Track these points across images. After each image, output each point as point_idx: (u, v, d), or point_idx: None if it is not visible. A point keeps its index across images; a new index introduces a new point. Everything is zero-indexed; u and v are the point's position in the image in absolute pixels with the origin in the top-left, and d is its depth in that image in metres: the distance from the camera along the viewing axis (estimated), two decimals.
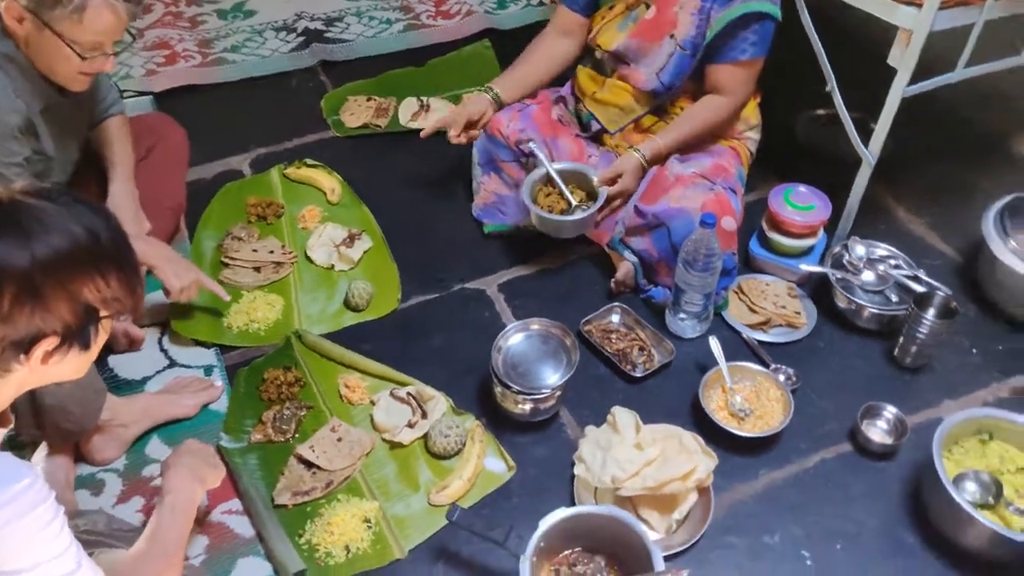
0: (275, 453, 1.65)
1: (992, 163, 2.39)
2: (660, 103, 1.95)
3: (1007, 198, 1.94)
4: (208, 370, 1.82)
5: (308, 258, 2.07)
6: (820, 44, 1.78)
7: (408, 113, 2.52)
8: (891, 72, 1.73)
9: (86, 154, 1.84)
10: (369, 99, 2.56)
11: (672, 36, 1.84)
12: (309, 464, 1.62)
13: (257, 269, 2.03)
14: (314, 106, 2.59)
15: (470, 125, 2.04)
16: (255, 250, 2.06)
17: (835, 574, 1.45)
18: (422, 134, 2.07)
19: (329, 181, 2.26)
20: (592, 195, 1.91)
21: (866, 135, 1.85)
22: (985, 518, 1.38)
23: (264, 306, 1.94)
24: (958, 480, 1.47)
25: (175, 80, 2.64)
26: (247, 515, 1.55)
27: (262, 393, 1.75)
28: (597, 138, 2.06)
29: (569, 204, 1.90)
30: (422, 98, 2.56)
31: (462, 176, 2.21)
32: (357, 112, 2.52)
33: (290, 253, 2.07)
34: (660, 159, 1.91)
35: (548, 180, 1.94)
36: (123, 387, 1.76)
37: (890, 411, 1.65)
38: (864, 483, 1.58)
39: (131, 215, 1.79)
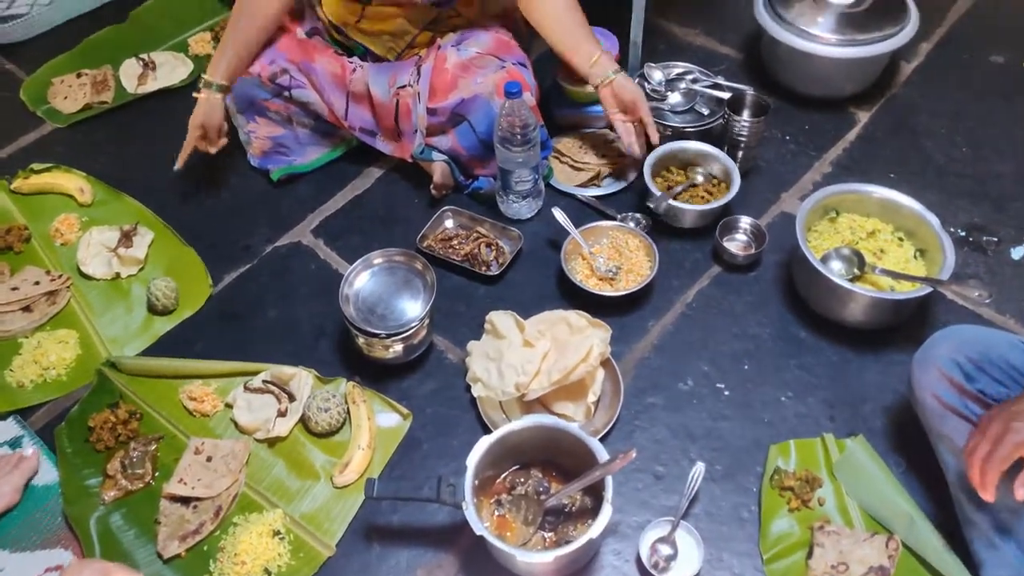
0: (140, 504, 1.42)
1: None
2: (438, 15, 1.77)
3: None
4: (14, 444, 1.52)
5: (84, 275, 1.75)
6: None
7: (133, 78, 2.16)
8: None
9: None
10: (79, 75, 2.17)
11: None
12: (186, 499, 1.40)
13: (27, 309, 1.70)
14: (13, 101, 2.17)
15: (217, 133, 1.80)
16: (14, 288, 1.71)
17: (751, 393, 1.47)
18: (177, 167, 1.80)
19: (73, 181, 1.91)
20: (723, 177, 1.72)
21: None
22: (860, 287, 1.44)
23: (55, 347, 1.63)
24: (823, 262, 1.51)
25: None
26: None
27: (95, 444, 1.49)
28: None
29: (694, 185, 1.72)
30: (142, 56, 2.20)
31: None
32: (71, 94, 2.13)
33: (60, 277, 1.74)
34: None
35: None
36: None
37: (744, 221, 1.67)
38: (744, 298, 1.60)
39: None
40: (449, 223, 1.76)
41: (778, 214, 1.74)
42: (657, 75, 1.88)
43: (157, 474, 1.45)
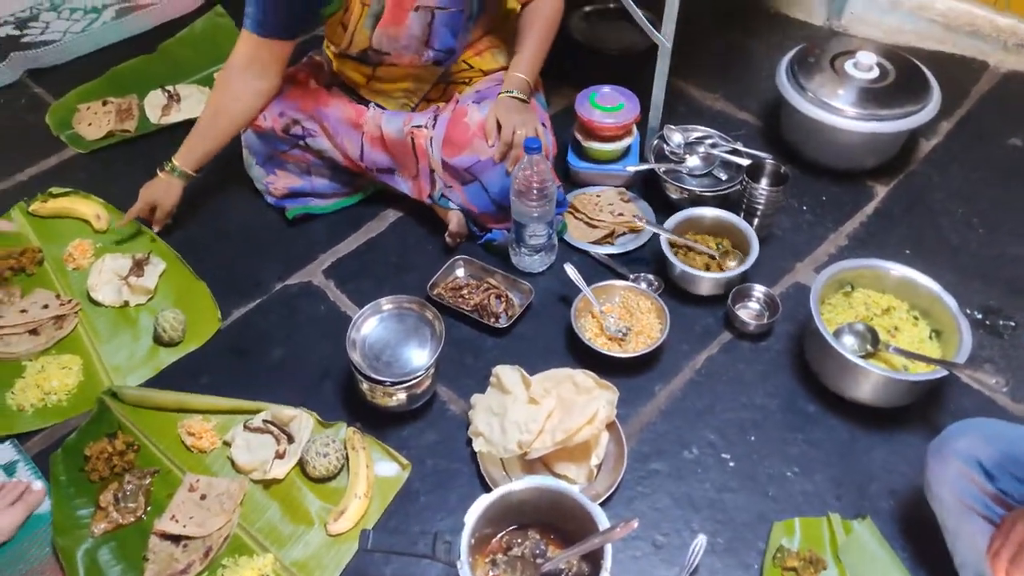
0: (130, 538, 1.39)
1: (756, 27, 2.45)
2: (446, 70, 1.80)
3: (790, 53, 1.98)
4: (9, 469, 1.50)
5: (93, 301, 1.75)
6: None
7: (157, 109, 2.19)
8: None
9: None
10: (105, 103, 2.20)
11: (417, 8, 1.64)
12: (176, 537, 1.38)
13: (34, 332, 1.69)
14: (38, 125, 2.20)
15: (166, 215, 1.84)
16: (24, 310, 1.72)
17: (757, 466, 1.44)
18: (118, 226, 1.85)
19: (90, 207, 1.92)
20: (740, 245, 1.71)
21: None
22: (873, 365, 1.42)
23: (58, 372, 1.62)
24: (836, 336, 1.49)
25: None
26: None
27: (90, 474, 1.47)
28: None
29: (712, 257, 1.69)
30: (167, 88, 2.24)
31: (242, 164, 1.94)
32: (95, 120, 2.16)
33: (69, 302, 1.74)
34: (529, 88, 1.75)
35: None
36: None
37: (758, 290, 1.66)
38: (754, 367, 1.58)
39: None
40: (460, 272, 1.76)
41: (792, 284, 1.73)
42: (677, 137, 1.89)
43: (149, 509, 1.43)
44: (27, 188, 2.02)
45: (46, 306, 1.73)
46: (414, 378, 1.44)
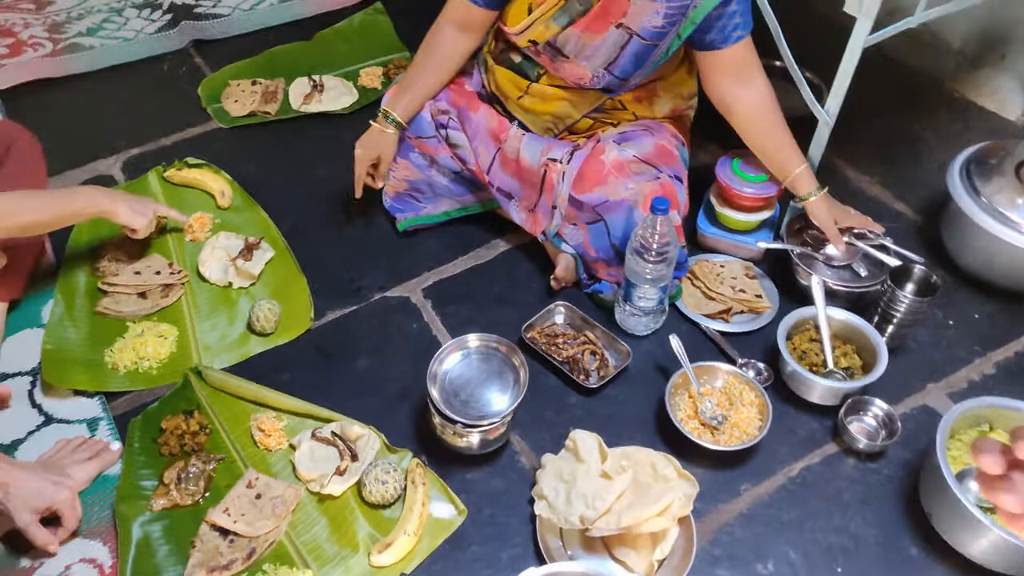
0: (183, 521, 1.39)
1: (934, 112, 2.25)
2: (602, 103, 1.72)
3: (970, 148, 1.78)
4: (92, 424, 1.54)
5: (200, 276, 1.78)
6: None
7: (300, 96, 2.23)
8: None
9: None
10: (254, 82, 2.25)
11: (620, 25, 1.56)
12: (225, 531, 1.37)
13: (142, 295, 1.74)
14: (191, 94, 2.28)
15: (387, 166, 1.81)
16: (138, 272, 1.76)
17: None
18: (358, 196, 1.82)
19: (217, 182, 1.96)
20: (865, 353, 1.55)
21: (815, 92, 1.67)
22: (997, 524, 1.24)
23: (154, 339, 1.65)
24: (960, 478, 1.32)
25: (23, 74, 2.28)
26: None
27: (161, 447, 1.48)
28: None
29: (824, 365, 1.54)
30: (314, 77, 2.27)
31: None
32: (242, 98, 2.21)
33: (179, 272, 1.78)
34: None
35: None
36: None
37: (877, 405, 1.49)
38: (856, 488, 1.42)
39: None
40: (559, 319, 1.68)
41: (918, 406, 1.54)
42: None
43: (207, 495, 1.43)
44: (166, 153, 2.08)
45: (158, 272, 1.77)
46: (489, 424, 1.38)
